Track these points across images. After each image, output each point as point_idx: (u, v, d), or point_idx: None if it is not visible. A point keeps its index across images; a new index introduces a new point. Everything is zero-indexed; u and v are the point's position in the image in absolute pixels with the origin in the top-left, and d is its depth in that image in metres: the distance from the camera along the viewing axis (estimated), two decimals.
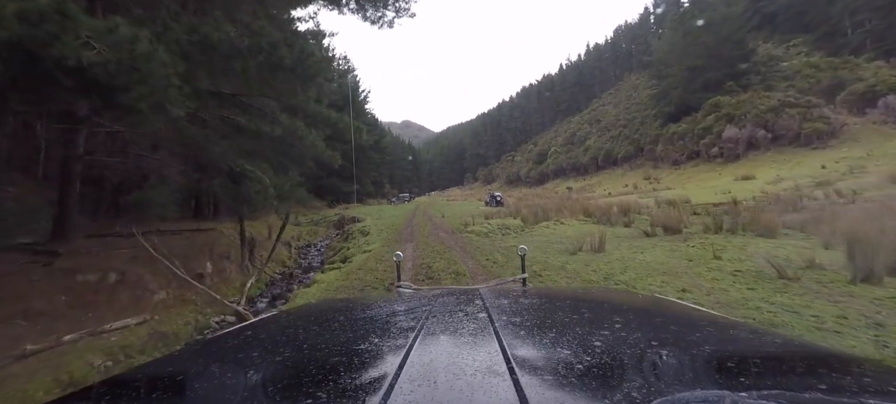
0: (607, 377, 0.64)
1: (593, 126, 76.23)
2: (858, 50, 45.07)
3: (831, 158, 28.96)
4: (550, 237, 11.44)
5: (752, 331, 1.01)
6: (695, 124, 43.18)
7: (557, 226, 13.89)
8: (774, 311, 3.90)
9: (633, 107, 69.90)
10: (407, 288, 1.99)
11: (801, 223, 9.75)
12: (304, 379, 0.68)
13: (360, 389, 0.63)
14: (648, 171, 47.36)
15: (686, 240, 9.09)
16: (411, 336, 0.88)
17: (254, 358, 0.86)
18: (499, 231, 13.34)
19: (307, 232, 24.03)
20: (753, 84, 45.28)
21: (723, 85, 46.10)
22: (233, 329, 1.20)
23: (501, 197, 32.87)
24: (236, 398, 0.64)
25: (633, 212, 15.19)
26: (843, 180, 21.25)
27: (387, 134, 73.40)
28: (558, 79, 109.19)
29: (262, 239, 15.11)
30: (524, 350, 0.78)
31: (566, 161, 70.80)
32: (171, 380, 0.78)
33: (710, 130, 40.00)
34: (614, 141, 61.47)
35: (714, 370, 0.69)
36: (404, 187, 73.98)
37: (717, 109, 41.64)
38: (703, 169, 38.17)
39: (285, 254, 14.80)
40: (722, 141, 37.19)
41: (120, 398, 0.70)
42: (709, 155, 38.67)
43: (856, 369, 0.68)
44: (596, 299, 1.44)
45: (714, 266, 6.17)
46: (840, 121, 33.73)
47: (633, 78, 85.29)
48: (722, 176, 33.08)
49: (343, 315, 1.28)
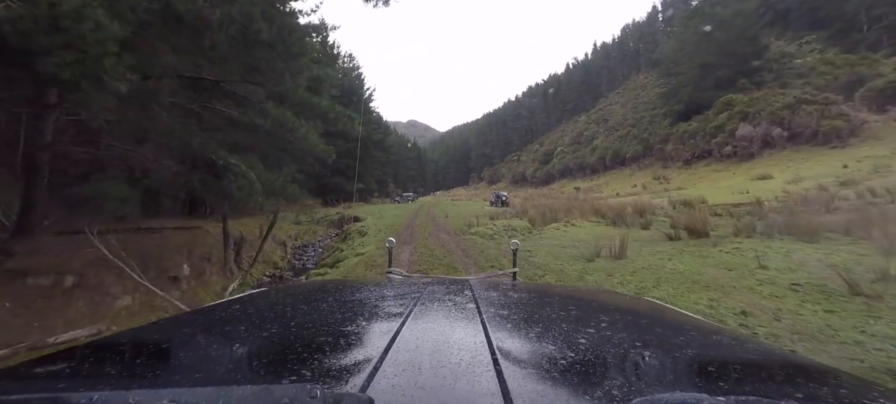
0: (589, 374, 0.64)
1: (600, 125, 75.07)
2: (875, 46, 43.55)
3: (852, 157, 27.67)
4: (562, 240, 10.46)
5: (734, 338, 0.98)
6: (706, 123, 41.85)
7: (568, 227, 12.91)
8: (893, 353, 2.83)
9: (642, 106, 68.68)
10: (398, 274, 1.95)
11: (844, 225, 8.72)
12: (289, 356, 0.68)
13: (345, 370, 0.63)
14: (658, 171, 46.12)
15: (716, 244, 8.09)
16: (399, 321, 0.88)
17: (240, 332, 0.86)
18: (505, 233, 12.38)
19: (306, 231, 23.18)
20: (767, 81, 43.89)
21: (735, 82, 44.72)
22: (221, 302, 1.20)
23: (507, 196, 31.85)
24: (220, 369, 0.65)
25: (648, 212, 14.17)
26: (870, 179, 20.10)
27: (391, 132, 72.59)
28: (565, 78, 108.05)
29: (253, 238, 14.27)
30: (509, 342, 0.79)
31: (573, 161, 69.62)
32: (156, 347, 0.77)
33: (723, 129, 38.68)
34: (622, 140, 60.20)
35: (694, 373, 0.68)
36: (408, 187, 72.99)
37: (730, 107, 40.32)
38: (716, 168, 36.87)
39: (279, 255, 13.92)
40: (735, 139, 35.88)
41: (103, 360, 0.70)
42: (721, 154, 37.35)
43: (833, 380, 0.68)
44: (584, 297, 1.45)
45: (763, 278, 5.18)
46: (860, 118, 32.34)
47: (641, 77, 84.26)
48: (736, 175, 31.83)
49: (332, 296, 1.27)
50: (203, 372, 0.64)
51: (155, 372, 0.65)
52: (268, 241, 14.37)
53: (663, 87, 58.22)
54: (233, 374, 0.62)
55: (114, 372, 0.66)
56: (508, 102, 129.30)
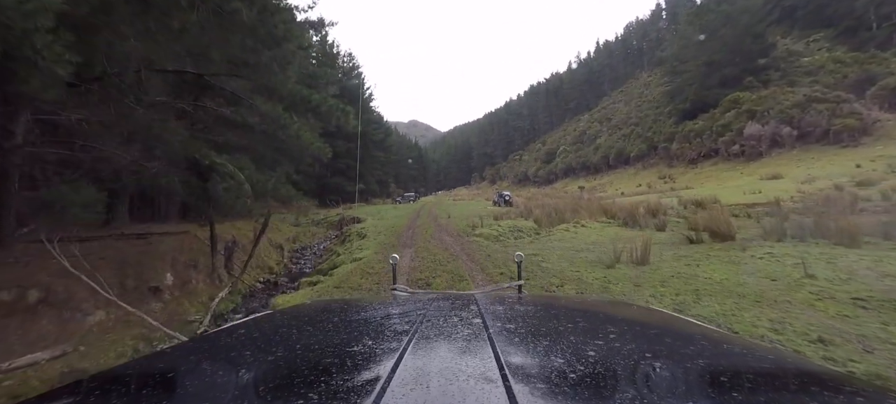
0: (600, 387, 0.64)
1: (604, 124, 74.39)
2: (885, 45, 42.68)
3: (865, 157, 26.94)
4: (574, 243, 9.78)
5: (745, 347, 0.96)
6: (713, 121, 41.09)
7: (577, 229, 12.22)
8: None
9: (646, 104, 67.98)
10: (402, 291, 1.94)
11: (880, 229, 8.05)
12: (296, 380, 0.68)
13: (352, 391, 0.62)
14: (663, 170, 45.39)
15: (744, 248, 7.42)
16: (405, 339, 0.87)
17: (246, 357, 0.85)
18: (511, 234, 11.71)
19: (306, 233, 22.57)
20: (774, 80, 43.13)
21: (741, 80, 43.99)
22: (226, 326, 1.19)
23: (510, 196, 31.19)
24: (227, 396, 0.64)
25: (660, 213, 13.48)
26: (886, 179, 19.42)
27: (392, 132, 71.97)
28: (567, 77, 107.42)
29: (246, 242, 13.64)
30: (518, 357, 0.78)
31: (576, 160, 68.92)
32: (162, 377, 0.77)
33: (730, 127, 37.92)
34: (626, 139, 59.47)
35: (707, 384, 0.67)
36: (410, 187, 72.17)
37: (737, 105, 39.57)
38: (723, 167, 36.12)
39: (275, 259, 13.28)
40: (743, 138, 35.12)
41: (109, 393, 0.69)
42: (728, 153, 36.59)
43: (848, 388, 0.66)
44: (591, 308, 1.43)
45: (816, 290, 4.51)
46: (872, 117, 31.57)
47: (644, 75, 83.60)
48: (744, 175, 31.09)
49: (337, 316, 1.27)
50: (209, 400, 0.64)
51: (161, 403, 0.65)
52: (262, 245, 13.74)
53: (668, 85, 57.44)
54: (239, 401, 0.62)
55: None
56: (510, 101, 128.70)
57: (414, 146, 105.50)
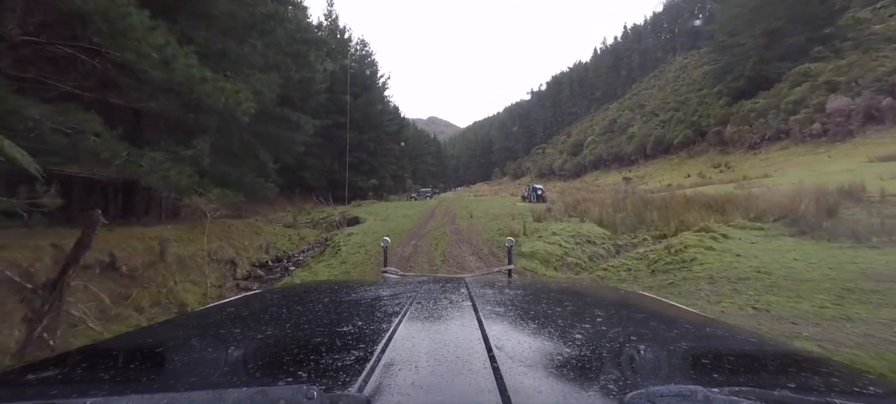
0: (585, 368, 0.64)
1: (636, 112, 68.43)
2: None
3: None
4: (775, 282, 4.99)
5: (728, 330, 0.98)
6: (779, 98, 34.90)
7: (717, 242, 7.26)
8: None
9: (684, 87, 61.69)
10: (393, 273, 1.91)
11: None
12: (285, 358, 0.67)
13: (342, 370, 0.62)
14: (715, 158, 39.46)
15: None
16: (395, 320, 0.87)
17: (235, 334, 0.84)
18: (579, 249, 6.96)
19: (295, 236, 18.28)
20: (847, 49, 36.69)
21: (808, 51, 37.66)
22: (216, 304, 1.17)
23: (543, 190, 26.42)
24: (216, 372, 0.63)
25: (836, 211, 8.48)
26: None
27: (408, 125, 67.96)
28: (592, 65, 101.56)
29: (188, 255, 9.39)
30: (506, 338, 0.77)
31: (606, 151, 63.12)
32: (150, 351, 0.76)
33: (804, 103, 31.81)
34: (665, 126, 53.32)
35: (689, 365, 0.68)
36: (428, 182, 67.93)
37: (812, 77, 33.35)
38: (798, 151, 30.08)
39: (208, 285, 8.91)
40: (824, 115, 29.07)
41: (97, 366, 0.68)
42: (803, 133, 30.52)
43: (824, 370, 0.67)
44: (579, 292, 1.42)
45: None
46: None
47: (679, 58, 76.92)
48: (834, 159, 25.21)
49: (328, 297, 1.25)
50: (198, 376, 0.63)
51: (149, 377, 0.65)
52: (197, 260, 9.43)
53: (714, 63, 50.97)
54: (228, 377, 0.61)
55: (107, 377, 0.64)
56: (531, 93, 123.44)
57: (433, 141, 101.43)
